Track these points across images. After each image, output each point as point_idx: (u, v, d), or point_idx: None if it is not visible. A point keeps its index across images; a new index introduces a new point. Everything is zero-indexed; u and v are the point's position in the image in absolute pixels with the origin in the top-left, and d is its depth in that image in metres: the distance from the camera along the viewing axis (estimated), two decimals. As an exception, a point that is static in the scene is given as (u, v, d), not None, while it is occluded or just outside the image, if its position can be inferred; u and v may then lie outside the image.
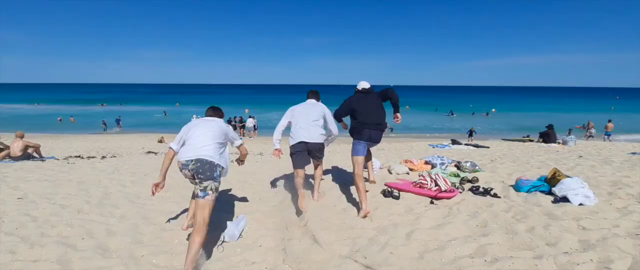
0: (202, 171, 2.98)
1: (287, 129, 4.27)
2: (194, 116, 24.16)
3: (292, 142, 4.10)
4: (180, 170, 3.08)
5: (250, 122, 21.89)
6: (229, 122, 22.22)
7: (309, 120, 4.16)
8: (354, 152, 3.95)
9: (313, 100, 4.45)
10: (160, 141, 16.68)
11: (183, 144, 3.19)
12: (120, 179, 6.02)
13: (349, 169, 6.41)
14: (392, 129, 25.22)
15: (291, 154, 4.12)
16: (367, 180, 5.09)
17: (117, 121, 25.66)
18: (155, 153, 10.84)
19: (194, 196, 3.30)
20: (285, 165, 7.38)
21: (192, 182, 3.12)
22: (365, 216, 3.80)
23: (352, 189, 5.08)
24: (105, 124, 24.32)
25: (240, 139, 3.64)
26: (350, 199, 4.61)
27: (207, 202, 2.96)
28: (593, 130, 19.94)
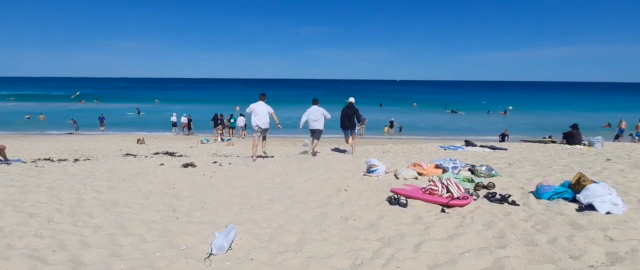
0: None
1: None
2: (175, 114, 24.11)
3: (310, 128, 9.44)
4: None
5: (240, 121, 21.88)
6: (214, 118, 22.14)
7: (315, 117, 9.34)
8: (345, 136, 10.04)
9: (316, 106, 9.44)
10: (139, 142, 16.64)
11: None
12: (95, 185, 5.99)
13: (354, 177, 6.47)
14: (400, 129, 25.33)
15: (311, 132, 9.53)
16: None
17: (101, 120, 25.50)
18: (134, 155, 10.82)
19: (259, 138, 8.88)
20: (280, 169, 7.40)
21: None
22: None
23: (355, 196, 5.16)
24: (75, 122, 24.02)
25: (228, 139, 3.72)
26: (352, 206, 4.67)
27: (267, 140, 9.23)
28: (623, 128, 19.95)
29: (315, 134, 9.19)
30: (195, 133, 22.85)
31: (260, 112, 8.51)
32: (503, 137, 18.88)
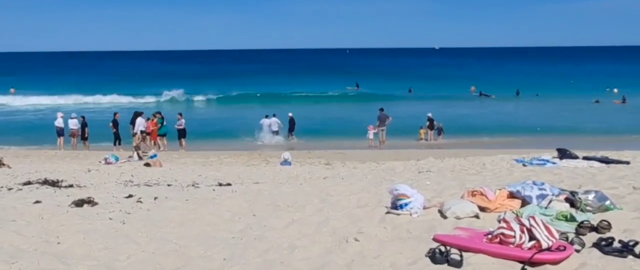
0: None
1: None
2: (61, 116, 23.85)
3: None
4: None
5: (182, 124, 22.87)
6: (133, 120, 22.23)
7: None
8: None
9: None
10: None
11: None
12: None
13: (370, 216, 6.52)
14: (441, 130, 25.37)
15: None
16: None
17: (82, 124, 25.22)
18: None
19: None
20: (242, 205, 7.48)
21: None
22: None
23: (372, 250, 5.22)
24: None
25: (151, 155, 3.55)
26: (369, 268, 4.79)
27: None
28: None
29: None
30: (92, 146, 23.09)
31: None
32: None
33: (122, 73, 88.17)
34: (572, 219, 5.53)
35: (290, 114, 26.79)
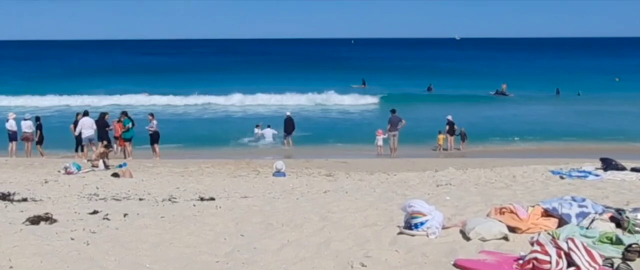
0: None
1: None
2: (12, 117, 23.86)
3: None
4: None
5: (154, 125, 22.83)
6: (100, 123, 22.37)
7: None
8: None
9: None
10: None
11: None
12: None
13: (379, 236, 6.59)
14: (463, 136, 25.33)
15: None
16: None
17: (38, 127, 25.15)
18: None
19: None
20: (227, 223, 7.48)
21: None
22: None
23: None
24: None
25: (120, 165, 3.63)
26: None
27: None
28: None
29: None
30: (47, 152, 23.03)
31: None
32: None
33: (73, 66, 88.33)
34: (618, 241, 5.51)
35: (288, 113, 26.88)
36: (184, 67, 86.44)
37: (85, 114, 22.40)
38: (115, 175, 15.84)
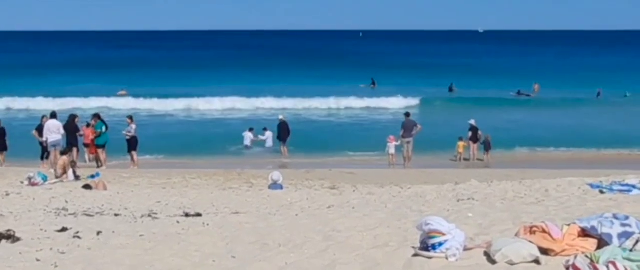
0: None
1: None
2: None
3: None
4: None
5: (132, 129, 22.98)
6: (69, 127, 22.61)
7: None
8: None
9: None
10: None
11: None
12: None
13: (391, 260, 6.62)
14: (488, 144, 25.31)
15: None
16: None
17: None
18: None
19: None
20: (217, 243, 7.57)
21: None
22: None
23: None
24: None
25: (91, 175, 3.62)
26: None
27: None
28: None
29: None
30: (7, 159, 23.37)
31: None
32: None
33: (44, 62, 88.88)
34: (667, 267, 5.50)
35: (281, 117, 26.91)
36: (167, 62, 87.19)
37: (53, 116, 22.38)
38: (87, 187, 15.91)
